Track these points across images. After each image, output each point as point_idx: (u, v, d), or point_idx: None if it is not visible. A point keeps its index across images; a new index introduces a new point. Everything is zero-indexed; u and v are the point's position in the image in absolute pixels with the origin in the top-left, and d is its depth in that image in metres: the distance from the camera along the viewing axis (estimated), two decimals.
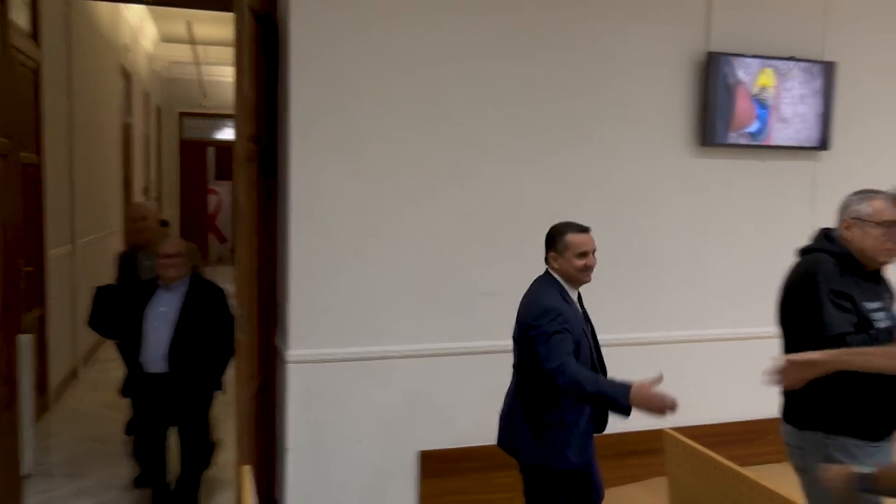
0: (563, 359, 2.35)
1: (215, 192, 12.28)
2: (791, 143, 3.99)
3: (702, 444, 2.19)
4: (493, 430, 3.51)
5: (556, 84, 3.56)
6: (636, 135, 3.74)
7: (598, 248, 2.63)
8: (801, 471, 2.46)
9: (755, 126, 3.90)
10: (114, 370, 4.97)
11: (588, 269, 2.56)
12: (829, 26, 4.09)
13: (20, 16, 4.46)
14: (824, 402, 2.33)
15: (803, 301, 2.39)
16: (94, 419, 4.89)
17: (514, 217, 3.52)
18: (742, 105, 3.85)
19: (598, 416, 2.63)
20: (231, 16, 2.99)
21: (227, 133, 11.75)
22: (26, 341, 3.56)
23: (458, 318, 3.46)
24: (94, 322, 3.80)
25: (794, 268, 2.53)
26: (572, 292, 2.60)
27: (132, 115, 8.51)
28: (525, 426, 2.59)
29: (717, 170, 3.92)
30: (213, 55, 10.44)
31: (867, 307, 2.33)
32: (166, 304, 3.41)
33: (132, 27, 8.57)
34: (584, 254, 2.55)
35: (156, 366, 3.37)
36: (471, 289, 3.46)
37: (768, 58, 3.90)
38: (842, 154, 4.11)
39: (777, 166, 4.04)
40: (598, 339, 2.69)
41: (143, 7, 8.23)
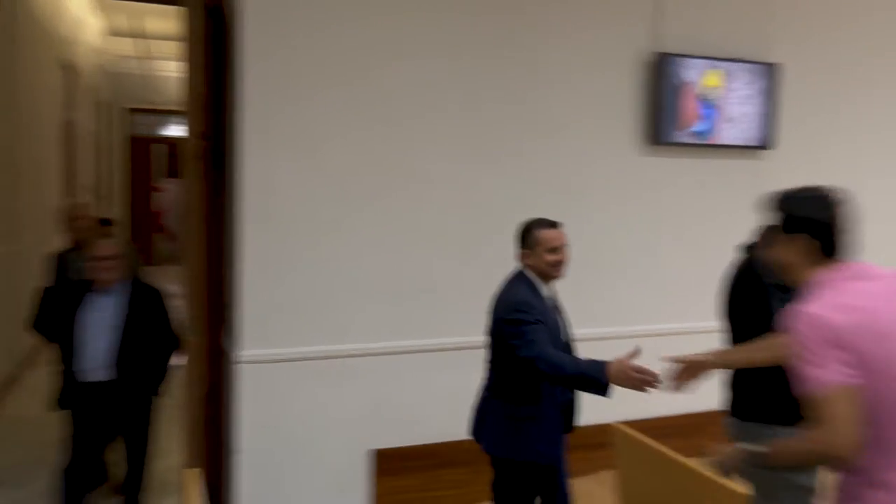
0: (541, 346, 2.37)
1: (165, 190, 12.02)
2: (737, 143, 4.09)
3: (649, 436, 2.23)
4: (447, 427, 3.54)
5: (509, 83, 3.59)
6: (587, 133, 3.80)
7: None
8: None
9: (702, 125, 3.99)
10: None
11: (559, 264, 2.58)
12: (774, 29, 4.21)
13: None
14: (765, 394, 2.40)
15: (748, 295, 2.46)
16: (38, 425, 4.75)
17: (469, 215, 3.54)
18: (689, 105, 3.94)
19: (566, 411, 2.65)
20: (181, 10, 2.94)
21: (177, 129, 11.52)
22: None
23: (412, 316, 3.46)
24: (38, 324, 3.66)
25: (738, 263, 2.60)
26: (544, 288, 2.61)
27: (76, 111, 8.26)
28: (499, 420, 2.60)
29: (666, 168, 4.00)
30: (162, 50, 10.21)
31: None
32: (104, 309, 3.20)
33: (74, 19, 8.32)
34: (554, 249, 2.56)
35: (97, 374, 3.17)
36: (424, 287, 3.47)
37: (715, 59, 3.99)
38: (785, 153, 4.24)
39: (724, 165, 4.14)
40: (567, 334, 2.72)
41: None
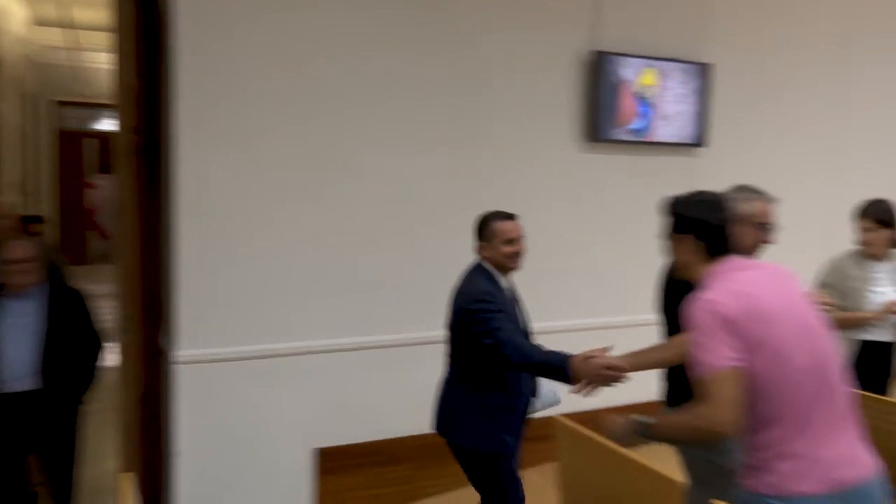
0: (507, 333, 2.42)
1: (97, 186, 11.61)
2: (672, 140, 4.21)
3: (590, 429, 2.27)
4: (391, 424, 3.54)
5: (447, 79, 3.60)
6: (527, 130, 3.84)
7: None
8: (682, 450, 2.61)
9: (639, 123, 4.08)
10: None
11: (516, 255, 2.62)
12: (706, 29, 4.34)
13: None
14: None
15: (677, 290, 2.53)
16: None
17: (408, 209, 3.53)
18: (626, 103, 4.02)
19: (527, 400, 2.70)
20: None
21: (109, 123, 11.14)
22: None
23: (354, 312, 3.43)
24: None
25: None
26: (502, 280, 2.64)
27: (0, 103, 7.90)
28: (464, 412, 2.61)
29: (604, 164, 4.08)
30: (93, 40, 9.85)
31: None
32: (22, 315, 2.98)
33: None
34: (511, 240, 2.60)
35: (19, 384, 2.96)
36: (364, 282, 3.45)
37: (650, 58, 4.08)
38: (718, 150, 4.37)
39: (659, 161, 4.24)
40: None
41: None
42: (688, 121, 4.23)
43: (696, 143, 4.28)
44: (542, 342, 2.68)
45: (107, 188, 11.49)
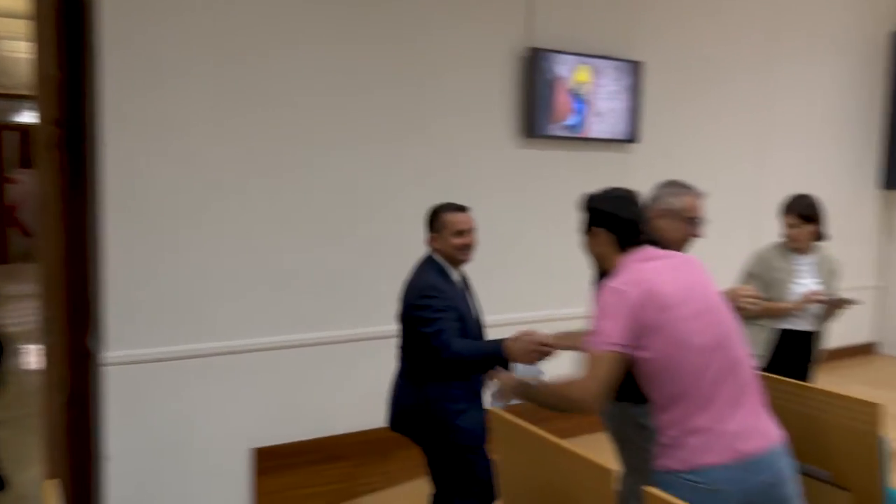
0: (445, 335, 2.40)
1: (18, 181, 11.11)
2: (605, 136, 4.29)
3: (528, 420, 2.29)
4: (329, 421, 3.50)
5: (385, 74, 3.57)
6: (466, 125, 3.85)
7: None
8: (616, 438, 2.67)
9: (573, 119, 4.15)
10: None
11: (466, 247, 2.61)
12: (637, 28, 4.44)
13: None
14: (632, 377, 2.52)
15: None
16: None
17: (345, 205, 3.50)
18: (561, 99, 4.08)
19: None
20: None
21: (29, 116, 10.64)
22: None
23: (289, 309, 3.38)
24: None
25: None
26: (453, 272, 2.63)
27: None
28: (419, 404, 2.57)
29: (541, 160, 4.13)
30: (10, 29, 9.39)
31: None
32: None
33: None
34: (461, 232, 2.59)
35: None
36: (300, 278, 3.40)
37: (584, 55, 4.15)
38: (649, 146, 4.48)
39: (594, 157, 4.32)
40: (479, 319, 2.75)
41: None
42: (620, 117, 4.32)
43: (629, 138, 4.38)
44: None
45: (28, 183, 10.98)
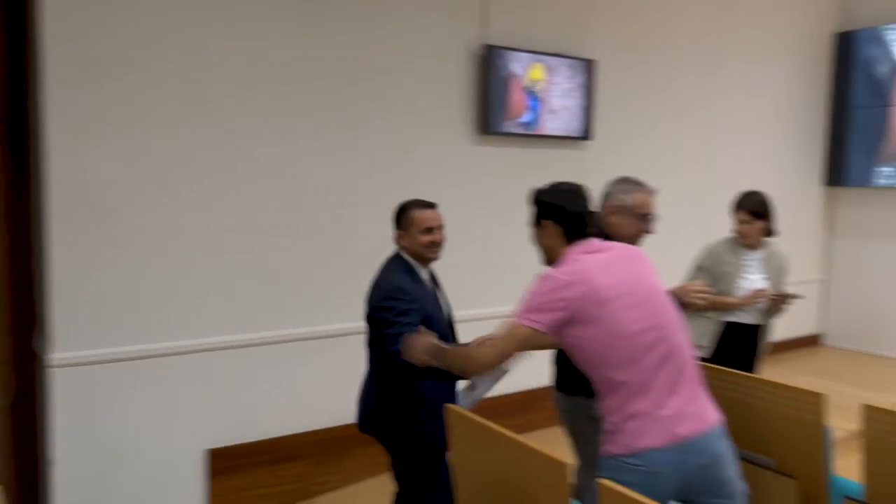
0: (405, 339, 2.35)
1: None
2: (559, 133, 4.34)
3: (484, 415, 2.31)
4: (284, 421, 3.47)
5: (338, 69, 3.55)
6: (420, 121, 3.85)
7: (386, 235, 2.65)
8: (570, 432, 2.71)
9: (528, 116, 4.19)
10: None
11: (435, 245, 2.56)
12: (589, 26, 4.50)
13: None
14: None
15: None
16: None
17: (297, 201, 3.47)
18: (516, 96, 4.11)
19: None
20: None
21: None
22: None
23: (241, 307, 3.34)
24: None
25: None
26: (422, 270, 2.58)
27: None
28: (386, 406, 2.53)
29: (495, 157, 4.15)
30: None
31: None
32: None
33: None
34: (429, 229, 2.54)
35: None
36: (252, 276, 3.36)
37: (538, 53, 4.19)
38: (602, 143, 4.55)
39: (548, 154, 4.37)
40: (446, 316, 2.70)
41: None
42: (574, 115, 4.37)
43: (583, 136, 4.43)
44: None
45: None
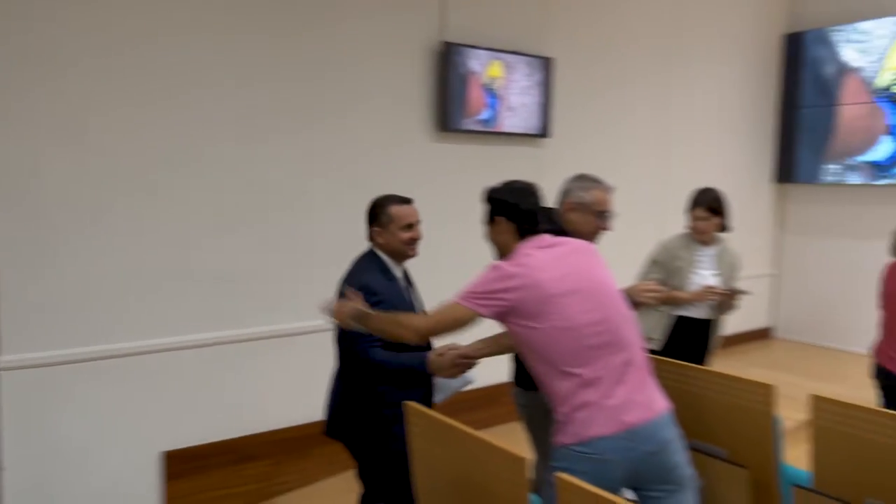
0: (368, 342, 2.32)
1: None
2: (518, 130, 4.36)
3: (448, 410, 2.31)
4: (242, 421, 3.43)
5: (294, 65, 3.51)
6: (377, 118, 3.83)
7: (343, 232, 2.64)
8: (529, 427, 2.74)
9: (486, 114, 4.20)
10: None
11: (414, 241, 2.53)
12: (547, 24, 4.53)
13: None
14: None
15: None
16: None
17: (251, 199, 3.42)
18: (474, 94, 4.12)
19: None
20: None
21: None
22: None
23: (197, 307, 3.29)
24: None
25: None
26: (396, 268, 2.53)
27: None
28: (354, 407, 2.46)
29: (454, 154, 4.16)
30: None
31: None
32: None
33: None
34: (409, 226, 2.51)
35: None
36: (206, 274, 3.30)
37: (497, 50, 4.21)
38: (560, 141, 4.59)
39: (507, 151, 4.39)
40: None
41: None
42: (532, 112, 4.40)
43: (541, 133, 4.47)
44: None
45: None
